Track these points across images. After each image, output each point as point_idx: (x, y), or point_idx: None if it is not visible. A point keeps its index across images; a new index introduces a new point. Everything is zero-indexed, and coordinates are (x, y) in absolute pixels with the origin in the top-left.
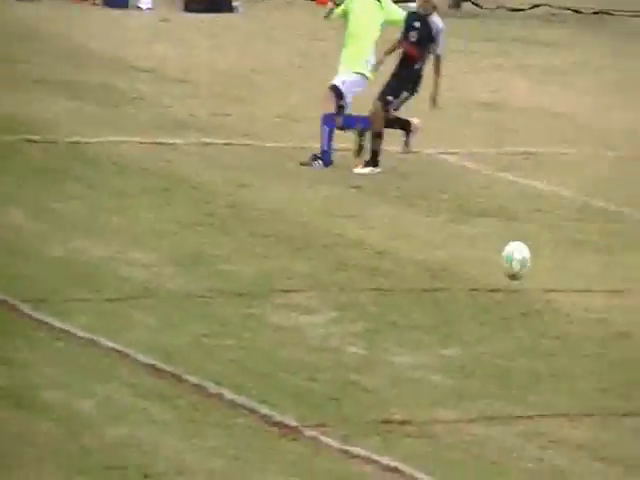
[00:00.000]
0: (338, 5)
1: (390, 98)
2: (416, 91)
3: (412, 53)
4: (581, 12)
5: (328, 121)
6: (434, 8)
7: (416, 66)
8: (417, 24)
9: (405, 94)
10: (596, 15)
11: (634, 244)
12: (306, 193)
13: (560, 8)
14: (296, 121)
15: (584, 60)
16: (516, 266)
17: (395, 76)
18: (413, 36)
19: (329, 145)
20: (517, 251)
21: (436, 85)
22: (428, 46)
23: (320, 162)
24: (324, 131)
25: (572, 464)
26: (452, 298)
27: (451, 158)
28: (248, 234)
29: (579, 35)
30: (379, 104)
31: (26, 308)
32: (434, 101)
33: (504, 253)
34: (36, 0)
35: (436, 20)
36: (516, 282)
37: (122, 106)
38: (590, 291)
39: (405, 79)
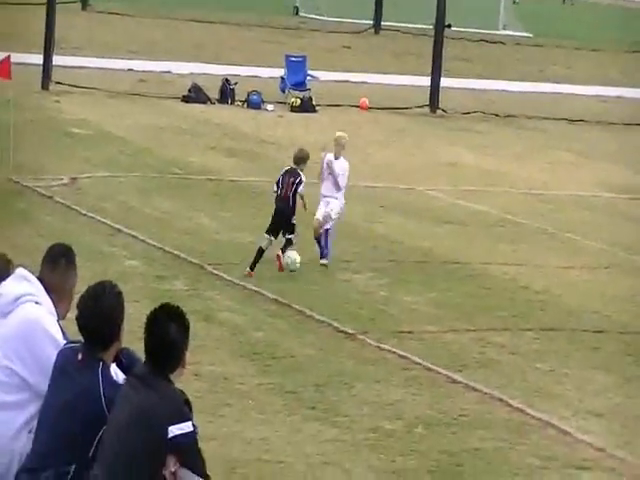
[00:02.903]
0: None
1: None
2: None
3: None
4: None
5: None
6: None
7: None
8: None
9: None
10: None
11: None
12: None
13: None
14: None
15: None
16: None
17: None
18: None
19: None
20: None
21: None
22: None
23: None
24: None
25: (498, 356)
26: (431, 266)
27: (430, 192)
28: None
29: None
30: None
31: (209, 268)
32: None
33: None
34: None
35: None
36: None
37: (257, 161)
38: (505, 264)
39: None
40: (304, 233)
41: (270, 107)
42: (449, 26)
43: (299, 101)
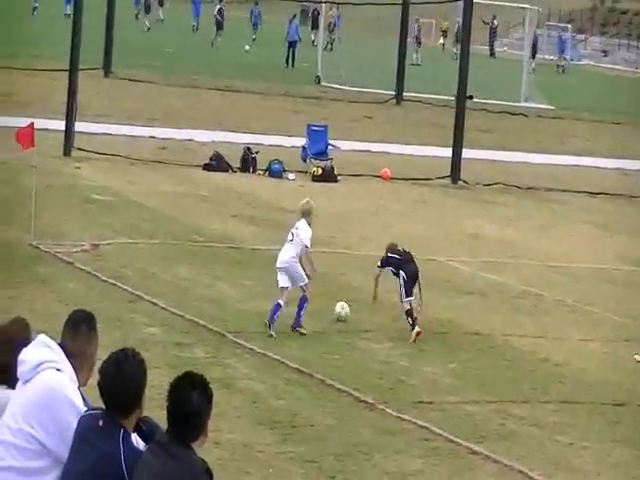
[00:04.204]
0: None
1: None
2: None
3: None
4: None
5: None
6: None
7: None
8: None
9: None
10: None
11: (547, 310)
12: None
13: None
14: (369, 241)
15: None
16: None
17: None
18: None
19: None
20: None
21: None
22: None
23: None
24: None
25: (518, 428)
26: (452, 337)
27: (451, 263)
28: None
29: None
30: None
31: (230, 336)
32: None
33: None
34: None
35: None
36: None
37: (277, 229)
38: (525, 336)
39: None
40: (323, 301)
41: (291, 176)
42: (471, 97)
43: (320, 170)
